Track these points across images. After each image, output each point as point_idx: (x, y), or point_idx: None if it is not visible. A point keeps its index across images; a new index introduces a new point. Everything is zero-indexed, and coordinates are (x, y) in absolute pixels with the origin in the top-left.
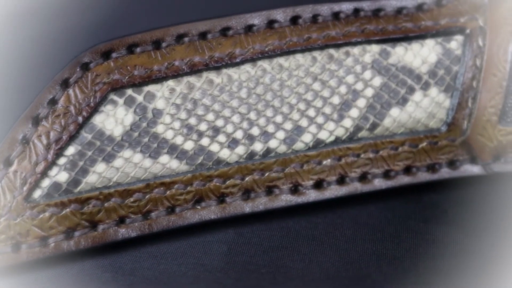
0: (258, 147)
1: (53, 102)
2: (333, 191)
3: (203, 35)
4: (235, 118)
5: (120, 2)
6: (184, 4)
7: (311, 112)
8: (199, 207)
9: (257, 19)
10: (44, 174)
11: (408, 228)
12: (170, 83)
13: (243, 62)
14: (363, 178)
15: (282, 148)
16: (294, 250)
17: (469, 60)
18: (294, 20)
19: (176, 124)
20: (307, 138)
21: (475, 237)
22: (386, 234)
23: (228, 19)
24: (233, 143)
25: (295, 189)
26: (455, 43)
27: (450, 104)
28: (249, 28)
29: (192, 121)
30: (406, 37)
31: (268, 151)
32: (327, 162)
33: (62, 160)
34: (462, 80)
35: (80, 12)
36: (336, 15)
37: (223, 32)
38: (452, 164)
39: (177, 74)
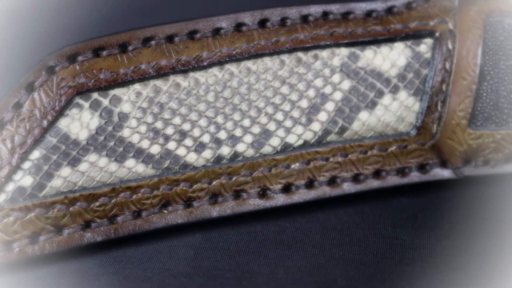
0: (225, 151)
1: (18, 105)
2: (301, 195)
3: (170, 38)
4: (202, 122)
5: (88, 6)
6: (154, 6)
7: (279, 116)
8: (165, 211)
9: (224, 22)
10: (8, 178)
11: (376, 233)
12: (137, 86)
13: (210, 65)
14: (332, 182)
15: (250, 152)
16: (261, 254)
17: (438, 63)
18: (262, 23)
19: (142, 128)
20: (275, 142)
21: (444, 241)
22: (354, 239)
23: (195, 22)
24: (200, 147)
25: (263, 193)
26: (424, 46)
27: (420, 108)
28: (216, 31)
29: (159, 125)
30: (375, 40)
31: (235, 155)
32: (295, 166)
33: (26, 164)
34: (431, 84)
35: (46, 15)
36: (304, 18)
37: (190, 35)
38: (422, 168)
39: (143, 78)
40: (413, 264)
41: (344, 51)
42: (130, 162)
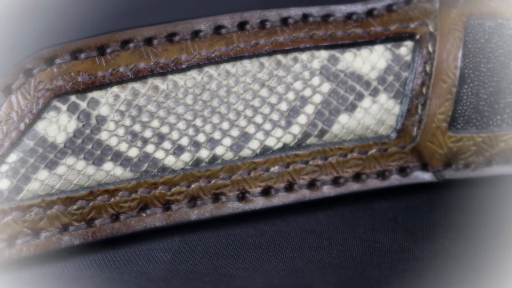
0: (204, 154)
1: None
2: (281, 198)
3: (148, 41)
4: (181, 125)
5: (65, 8)
6: (134, 9)
7: (259, 119)
8: (144, 214)
9: (203, 24)
10: None
11: (356, 236)
12: (115, 89)
13: (189, 68)
14: (311, 185)
15: (229, 155)
16: (239, 258)
17: (418, 66)
18: (242, 25)
19: (120, 131)
20: (254, 145)
21: (423, 244)
22: (333, 242)
23: (174, 24)
24: (178, 150)
25: (242, 196)
26: (404, 49)
27: (400, 111)
28: (195, 34)
29: (137, 127)
30: (355, 43)
31: (214, 158)
32: (274, 169)
33: (3, 168)
34: (411, 87)
35: (23, 18)
36: (284, 21)
37: (169, 37)
38: (402, 171)
39: (121, 81)
40: (391, 268)
41: (324, 54)
42: (108, 165)
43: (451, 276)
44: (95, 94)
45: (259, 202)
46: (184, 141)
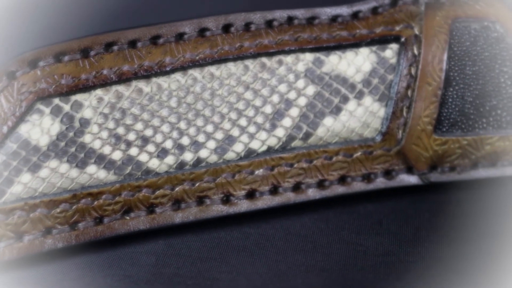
0: (188, 157)
1: None
2: (265, 201)
3: (132, 44)
4: (165, 128)
5: (49, 11)
6: (120, 11)
7: (243, 122)
8: (128, 217)
9: (188, 27)
10: None
11: (340, 239)
12: (98, 92)
13: (173, 70)
14: (296, 188)
15: (213, 158)
16: (223, 261)
17: (404, 69)
18: (226, 28)
19: (104, 134)
20: (238, 147)
21: (408, 247)
22: (318, 245)
23: (158, 27)
24: (162, 153)
25: (226, 199)
26: (390, 52)
27: (385, 114)
28: (180, 36)
29: (121, 130)
30: (340, 46)
31: (198, 161)
32: (259, 172)
33: None
34: (396, 89)
35: (6, 20)
36: (269, 23)
37: (153, 40)
38: (387, 174)
39: (105, 83)
40: (375, 271)
41: (308, 57)
42: (92, 168)
43: (435, 279)
44: (78, 97)
45: (244, 205)
46: (168, 144)
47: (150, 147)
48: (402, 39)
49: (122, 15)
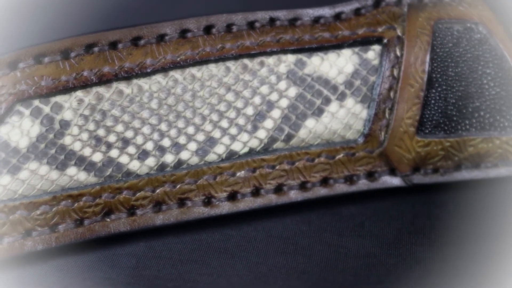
0: (169, 158)
1: None
2: (247, 203)
3: (113, 45)
4: (146, 129)
5: (29, 12)
6: (105, 11)
7: (224, 123)
8: (108, 219)
9: (169, 28)
10: None
11: (322, 241)
12: (79, 93)
13: (154, 72)
14: (278, 190)
15: (194, 160)
16: (203, 263)
17: (386, 70)
18: (208, 29)
19: (84, 136)
20: (220, 149)
21: (390, 249)
22: (299, 247)
23: (139, 28)
24: (143, 154)
25: (208, 201)
26: (372, 53)
27: (367, 115)
28: (161, 38)
29: (101, 132)
30: (323, 47)
31: (179, 163)
32: (241, 173)
33: None
34: (379, 91)
35: None
36: (251, 25)
37: (134, 41)
38: (370, 175)
39: (85, 85)
40: (356, 273)
41: (290, 58)
42: (72, 170)
43: (416, 281)
44: (58, 99)
45: (225, 207)
46: (149, 146)
47: (131, 149)
48: (385, 41)
49: (106, 17)
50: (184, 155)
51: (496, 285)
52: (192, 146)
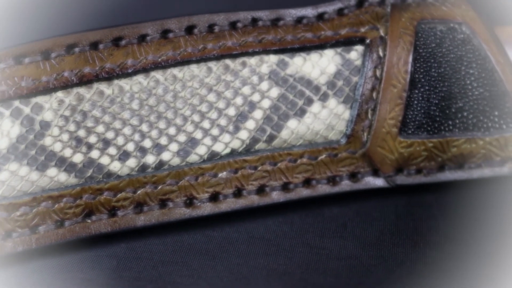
0: (150, 159)
1: None
2: (229, 204)
3: (94, 45)
4: (126, 130)
5: (9, 13)
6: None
7: (206, 124)
8: (89, 220)
9: (150, 28)
10: None
11: (304, 242)
12: (59, 94)
13: (135, 72)
14: (260, 191)
15: (176, 161)
16: (184, 265)
17: (368, 70)
18: (189, 29)
19: (65, 136)
20: (201, 150)
21: (371, 251)
22: (280, 249)
23: (120, 29)
24: (124, 155)
25: (189, 202)
26: (355, 53)
27: (350, 116)
28: (142, 38)
29: (81, 133)
30: (305, 47)
31: (161, 164)
32: (222, 174)
33: None
34: (361, 91)
35: None
36: (233, 25)
37: (115, 42)
38: (353, 176)
39: (66, 85)
40: (337, 275)
41: (273, 58)
42: (52, 171)
43: (396, 283)
44: (39, 99)
45: (207, 208)
46: (130, 147)
47: (112, 150)
48: (367, 41)
49: (88, 17)
50: (166, 156)
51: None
52: (174, 147)
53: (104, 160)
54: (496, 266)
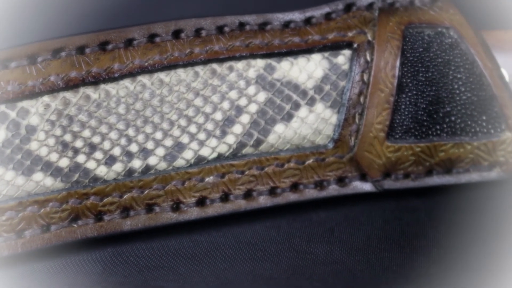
0: (137, 164)
1: None
2: (216, 209)
3: (80, 50)
4: (113, 135)
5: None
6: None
7: (193, 129)
8: (75, 225)
9: (137, 33)
10: None
11: (290, 247)
12: (45, 98)
13: (122, 77)
14: (247, 195)
15: (162, 165)
16: (170, 269)
17: (356, 75)
18: (176, 34)
19: (51, 141)
20: (188, 155)
21: (358, 256)
22: (267, 254)
23: (107, 33)
24: (110, 160)
25: (176, 207)
26: (342, 58)
27: (337, 120)
28: (129, 42)
29: (68, 137)
30: (292, 52)
31: (147, 168)
32: (209, 179)
33: None
34: (348, 96)
35: None
36: (220, 29)
37: (101, 46)
38: (341, 181)
39: (52, 90)
40: (323, 280)
41: (260, 63)
42: (38, 176)
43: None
44: (25, 104)
45: (194, 213)
46: (116, 151)
47: (98, 154)
48: (355, 45)
49: (75, 20)
50: (152, 160)
51: None
52: (160, 151)
53: (90, 164)
54: (483, 271)
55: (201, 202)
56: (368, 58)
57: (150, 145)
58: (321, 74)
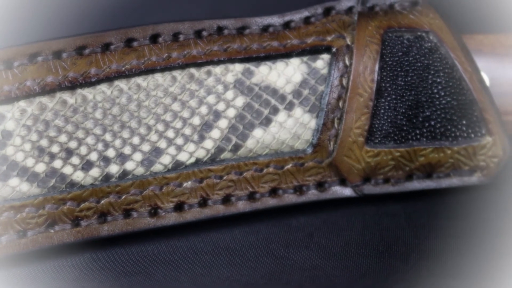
0: (114, 169)
1: None
2: (194, 214)
3: (57, 54)
4: (90, 140)
5: None
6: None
7: (170, 133)
8: (52, 230)
9: (114, 37)
10: None
11: (268, 253)
12: (21, 103)
13: (98, 82)
14: (226, 200)
15: (140, 170)
16: (147, 275)
17: (335, 79)
18: (154, 38)
19: (27, 146)
20: (166, 159)
21: (336, 261)
22: (245, 259)
23: (84, 37)
24: (87, 165)
25: (154, 212)
26: (321, 62)
27: (316, 125)
28: (106, 47)
29: (44, 142)
30: (271, 56)
31: (124, 173)
32: (187, 184)
33: None
34: (327, 100)
35: None
36: (198, 33)
37: (78, 51)
38: (320, 186)
39: (28, 95)
40: (300, 286)
41: (238, 67)
42: (14, 181)
43: None
44: (1, 109)
45: (172, 218)
46: (93, 156)
47: (75, 160)
48: (334, 50)
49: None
50: (129, 165)
51: None
52: (137, 156)
53: (67, 169)
54: (462, 277)
55: (179, 207)
56: (347, 62)
57: (127, 150)
58: (299, 78)
